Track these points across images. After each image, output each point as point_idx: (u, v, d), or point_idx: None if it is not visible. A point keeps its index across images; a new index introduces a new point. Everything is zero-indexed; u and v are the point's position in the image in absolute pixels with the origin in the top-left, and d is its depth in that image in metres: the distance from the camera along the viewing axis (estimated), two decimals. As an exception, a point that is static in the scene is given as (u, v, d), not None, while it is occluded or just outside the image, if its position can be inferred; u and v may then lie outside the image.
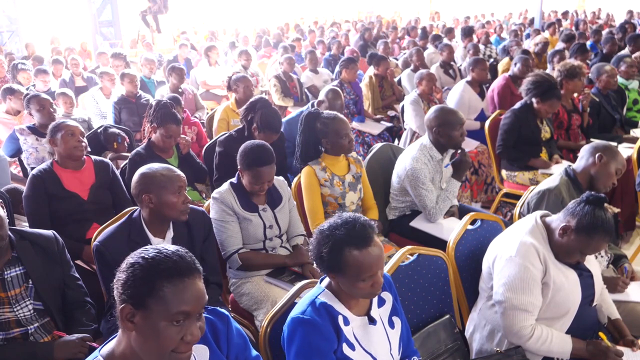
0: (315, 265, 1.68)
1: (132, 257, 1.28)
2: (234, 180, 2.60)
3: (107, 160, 3.21)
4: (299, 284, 1.94)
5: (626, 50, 7.34)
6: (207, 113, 5.44)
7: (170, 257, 1.26)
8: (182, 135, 3.51)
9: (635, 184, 3.50)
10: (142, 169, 2.21)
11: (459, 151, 3.14)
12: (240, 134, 3.44)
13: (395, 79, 6.68)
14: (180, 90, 5.55)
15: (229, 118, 4.52)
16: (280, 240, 2.63)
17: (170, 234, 2.26)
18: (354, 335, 1.66)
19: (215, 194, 2.54)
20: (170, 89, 5.57)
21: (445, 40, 8.70)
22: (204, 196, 3.64)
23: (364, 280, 1.58)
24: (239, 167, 2.54)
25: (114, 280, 1.28)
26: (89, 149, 3.10)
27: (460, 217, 2.96)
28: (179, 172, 2.23)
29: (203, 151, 3.86)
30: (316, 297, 1.67)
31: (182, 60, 8.59)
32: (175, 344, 1.24)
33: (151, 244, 2.18)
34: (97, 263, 2.19)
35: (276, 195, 2.64)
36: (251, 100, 3.53)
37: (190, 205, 2.30)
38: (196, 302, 1.26)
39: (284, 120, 4.25)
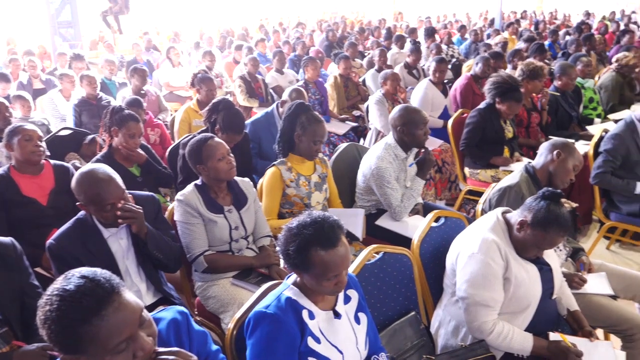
0: (282, 261, 1.68)
1: (41, 313, 1.17)
2: (198, 182, 2.57)
3: (67, 164, 3.14)
4: (265, 285, 1.93)
5: (582, 50, 7.58)
6: (171, 115, 5.37)
7: (77, 299, 1.15)
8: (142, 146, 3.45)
9: (590, 177, 3.61)
10: (79, 173, 2.16)
11: (423, 150, 3.18)
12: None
13: (360, 79, 6.73)
14: (142, 91, 5.46)
15: (190, 119, 4.48)
16: (247, 242, 2.60)
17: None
18: (320, 329, 1.69)
19: (179, 196, 2.51)
20: (132, 90, 5.48)
21: (408, 43, 8.80)
22: (168, 199, 3.59)
23: (328, 279, 1.61)
24: (196, 166, 2.51)
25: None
26: (47, 153, 3.02)
27: (424, 215, 2.99)
28: (113, 184, 2.14)
29: (167, 153, 3.81)
30: (281, 293, 1.69)
31: (140, 61, 8.45)
32: None
33: (103, 236, 2.21)
34: (52, 263, 2.16)
35: (241, 196, 2.62)
36: (214, 101, 3.50)
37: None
38: (130, 322, 1.19)
39: (249, 121, 4.24)
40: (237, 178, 2.63)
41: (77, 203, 2.17)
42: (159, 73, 7.59)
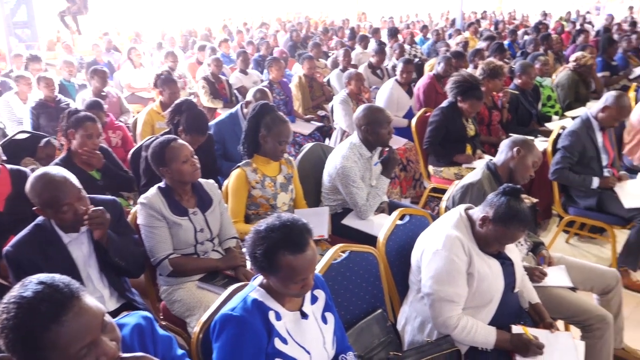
0: (249, 263, 1.68)
1: None
2: (161, 184, 2.53)
3: (25, 169, 3.05)
4: (231, 288, 1.91)
5: (540, 49, 7.77)
6: (133, 116, 5.28)
7: (35, 305, 1.12)
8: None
9: (549, 173, 3.70)
10: (32, 177, 2.11)
11: (387, 149, 3.21)
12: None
13: (325, 79, 6.76)
14: (103, 93, 5.36)
15: (153, 121, 4.41)
16: (212, 244, 2.58)
17: (84, 227, 2.18)
18: (287, 330, 1.69)
19: (142, 199, 2.47)
20: (92, 92, 5.37)
21: (372, 43, 8.86)
22: (131, 203, 3.53)
23: (295, 282, 1.61)
24: (160, 168, 2.48)
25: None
26: (4, 158, 2.93)
27: (390, 213, 3.02)
28: (68, 184, 2.09)
29: (129, 156, 3.74)
30: (247, 295, 1.69)
31: (100, 62, 8.29)
32: None
33: (63, 242, 2.16)
34: (10, 270, 2.11)
35: (206, 198, 2.60)
36: (176, 102, 3.46)
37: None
38: (91, 328, 1.17)
39: (213, 122, 4.21)
40: (201, 180, 2.61)
41: (34, 208, 2.12)
42: (120, 74, 7.46)
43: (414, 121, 4.47)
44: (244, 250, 1.69)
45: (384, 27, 14.05)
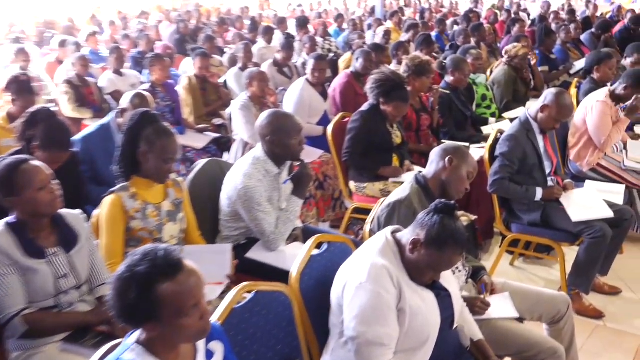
0: (121, 323, 1.61)
1: None
2: (10, 219, 2.41)
3: None
4: (105, 347, 1.84)
5: (471, 41, 8.18)
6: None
7: None
8: None
9: (488, 185, 3.86)
10: None
11: (299, 163, 3.23)
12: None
13: (221, 80, 6.72)
14: None
15: (-3, 138, 4.20)
16: (80, 293, 2.49)
17: None
18: None
19: (-17, 239, 2.33)
20: None
21: (278, 35, 8.96)
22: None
23: (187, 314, 1.57)
24: (7, 199, 2.37)
25: None
26: None
27: (305, 241, 3.03)
28: None
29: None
30: (119, 357, 1.62)
31: None
32: None
33: None
34: None
35: (70, 234, 2.50)
36: (30, 110, 3.33)
37: None
38: None
39: (79, 136, 4.08)
40: (63, 211, 2.52)
41: None
42: (-47, 78, 7.05)
43: (330, 128, 4.54)
44: (111, 310, 1.62)
45: (292, 16, 14.26)
